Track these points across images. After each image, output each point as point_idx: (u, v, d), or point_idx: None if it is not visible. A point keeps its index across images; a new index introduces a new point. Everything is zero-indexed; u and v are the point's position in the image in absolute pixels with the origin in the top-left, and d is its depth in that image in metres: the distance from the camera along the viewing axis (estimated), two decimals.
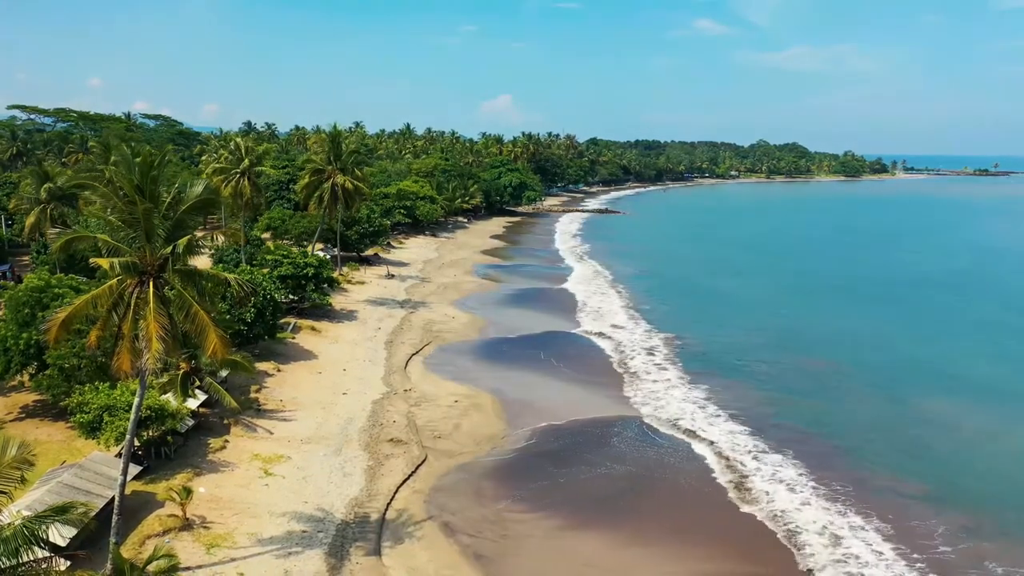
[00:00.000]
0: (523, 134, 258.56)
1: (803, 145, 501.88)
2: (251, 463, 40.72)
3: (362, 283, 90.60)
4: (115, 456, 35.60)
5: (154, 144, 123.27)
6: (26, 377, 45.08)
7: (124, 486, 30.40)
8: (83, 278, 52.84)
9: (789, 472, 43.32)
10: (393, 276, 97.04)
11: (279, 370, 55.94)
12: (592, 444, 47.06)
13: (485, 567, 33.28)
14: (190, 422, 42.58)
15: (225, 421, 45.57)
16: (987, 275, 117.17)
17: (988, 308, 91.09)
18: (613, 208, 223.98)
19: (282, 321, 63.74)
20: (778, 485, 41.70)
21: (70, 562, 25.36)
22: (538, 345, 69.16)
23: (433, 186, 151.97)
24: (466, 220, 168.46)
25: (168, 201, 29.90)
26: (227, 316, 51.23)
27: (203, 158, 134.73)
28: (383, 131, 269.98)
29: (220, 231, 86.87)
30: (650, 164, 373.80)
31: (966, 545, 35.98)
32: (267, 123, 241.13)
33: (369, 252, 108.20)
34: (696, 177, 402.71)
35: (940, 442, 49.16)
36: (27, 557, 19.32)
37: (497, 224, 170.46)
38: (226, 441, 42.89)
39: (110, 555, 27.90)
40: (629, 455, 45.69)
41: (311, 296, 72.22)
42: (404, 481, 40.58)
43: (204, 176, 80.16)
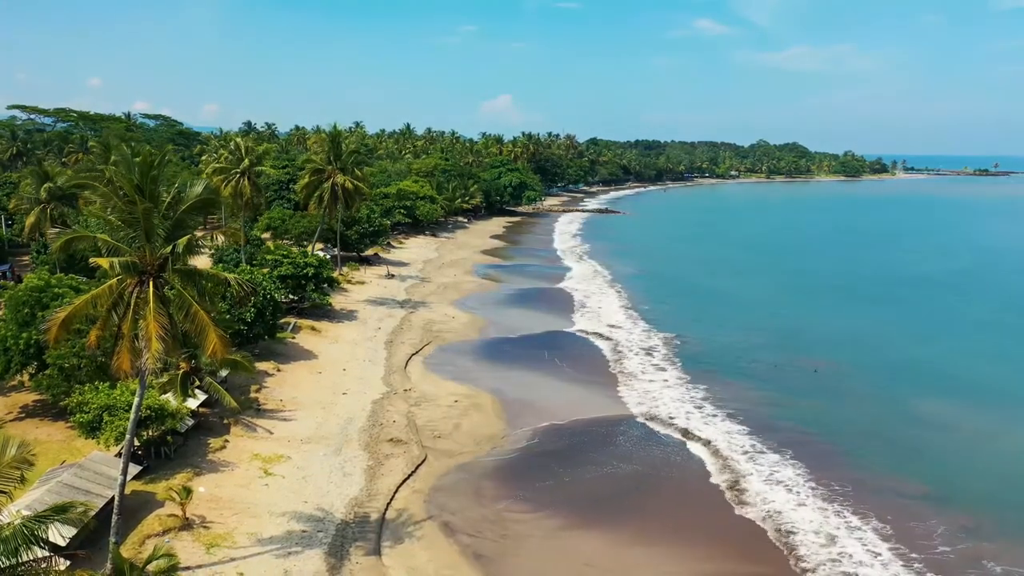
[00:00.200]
0: (523, 134, 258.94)
1: (803, 145, 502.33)
2: (251, 463, 40.75)
3: (362, 283, 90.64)
4: (115, 456, 35.63)
5: (154, 144, 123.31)
6: (26, 377, 45.11)
7: (124, 486, 30.42)
8: (83, 278, 52.86)
9: (787, 472, 43.35)
10: (393, 276, 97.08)
11: (279, 370, 55.98)
12: (591, 444, 47.11)
13: (485, 567, 33.31)
14: (190, 422, 42.61)
15: (225, 421, 45.60)
16: (987, 275, 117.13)
17: (987, 308, 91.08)
18: (613, 208, 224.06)
19: (282, 321, 63.78)
20: (776, 485, 41.73)
21: (70, 562, 25.39)
22: (538, 345, 69.27)
23: (433, 186, 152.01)
24: (466, 220, 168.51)
25: (168, 201, 29.92)
26: (227, 316, 51.26)
27: (203, 158, 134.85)
28: (383, 131, 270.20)
29: (220, 231, 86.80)
30: (650, 164, 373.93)
31: (965, 545, 35.96)
32: (267, 123, 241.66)
33: (369, 252, 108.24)
34: (696, 177, 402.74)
35: (939, 442, 49.20)
36: (27, 557, 19.38)
37: (497, 224, 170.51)
38: (226, 441, 42.92)
39: (110, 555, 27.93)
40: (628, 455, 45.74)
41: (311, 296, 72.27)
42: (404, 481, 40.62)
43: (204, 176, 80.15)
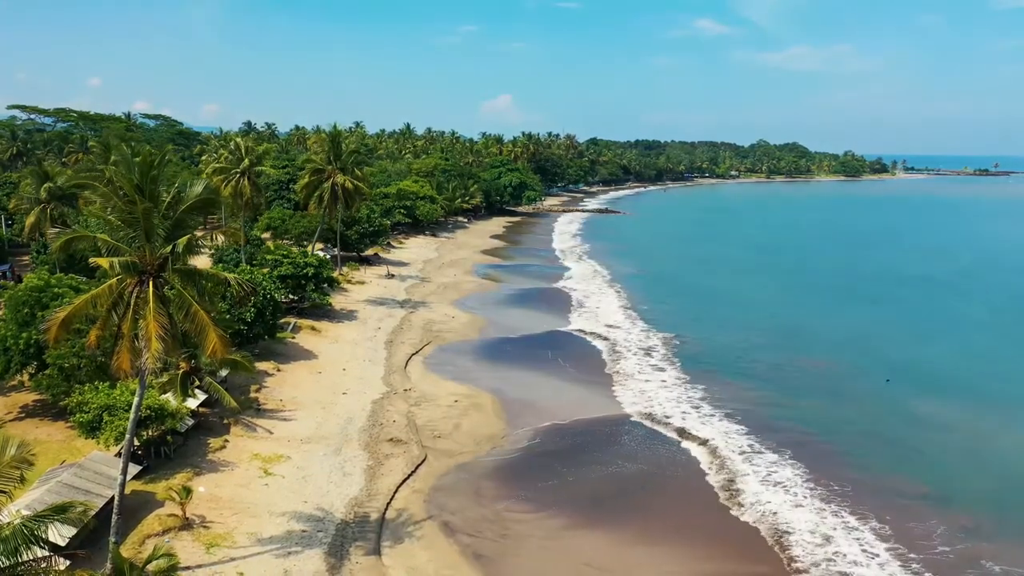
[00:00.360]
0: (523, 134, 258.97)
1: (803, 145, 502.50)
2: (251, 463, 40.76)
3: (362, 283, 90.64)
4: (115, 456, 35.63)
5: (154, 144, 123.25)
6: (26, 377, 45.12)
7: (124, 485, 30.44)
8: (83, 278, 52.84)
9: (786, 472, 43.33)
10: (393, 276, 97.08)
11: (279, 370, 55.98)
12: (590, 444, 47.12)
13: (485, 567, 33.32)
14: (190, 422, 42.61)
15: (225, 421, 45.61)
16: (987, 275, 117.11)
17: (987, 309, 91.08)
18: (613, 208, 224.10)
19: (282, 321, 63.80)
20: (774, 485, 41.70)
21: (69, 561, 25.37)
22: (539, 345, 69.32)
23: (433, 186, 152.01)
24: (466, 220, 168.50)
25: (168, 201, 29.93)
26: (227, 316, 51.26)
27: (203, 158, 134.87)
28: (383, 131, 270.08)
29: (220, 231, 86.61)
30: (650, 164, 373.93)
31: (964, 545, 35.93)
32: (267, 123, 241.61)
33: (369, 252, 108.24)
34: (696, 177, 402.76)
35: (939, 442, 49.17)
36: (27, 556, 19.39)
37: (497, 224, 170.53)
38: (226, 441, 42.93)
39: (110, 554, 27.95)
40: (627, 455, 45.76)
41: (311, 296, 72.28)
42: (404, 481, 40.63)
43: (204, 176, 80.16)
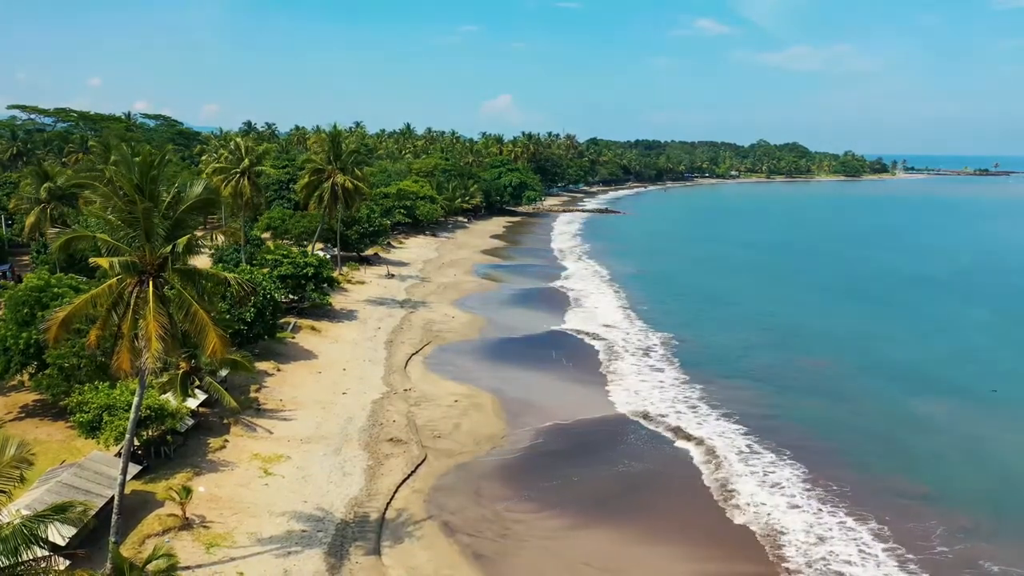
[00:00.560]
0: (523, 134, 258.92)
1: (803, 145, 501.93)
2: (251, 463, 40.78)
3: (362, 283, 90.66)
4: (115, 455, 35.65)
5: (154, 144, 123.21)
6: (26, 377, 45.13)
7: (124, 485, 30.46)
8: (83, 278, 52.87)
9: (784, 472, 43.31)
10: (393, 276, 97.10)
11: (279, 370, 56.00)
12: (591, 444, 47.13)
13: (485, 567, 33.33)
14: (190, 422, 42.63)
15: (225, 421, 45.63)
16: (987, 276, 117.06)
17: (987, 309, 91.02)
18: (613, 208, 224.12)
19: (282, 321, 63.82)
20: (772, 486, 41.65)
21: (69, 561, 25.39)
22: (539, 345, 69.36)
23: (433, 186, 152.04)
24: (466, 220, 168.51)
25: (168, 201, 29.95)
26: (227, 316, 51.26)
27: (203, 158, 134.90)
28: (383, 131, 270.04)
29: (220, 231, 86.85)
30: (650, 164, 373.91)
31: (963, 545, 35.88)
32: (267, 123, 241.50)
33: (369, 252, 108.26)
34: (696, 177, 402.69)
35: (938, 443, 49.13)
36: (26, 556, 19.41)
37: (497, 224, 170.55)
38: (226, 441, 42.95)
39: (109, 554, 27.96)
40: (626, 455, 45.76)
41: (311, 296, 72.30)
42: (404, 481, 40.64)
43: (204, 176, 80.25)
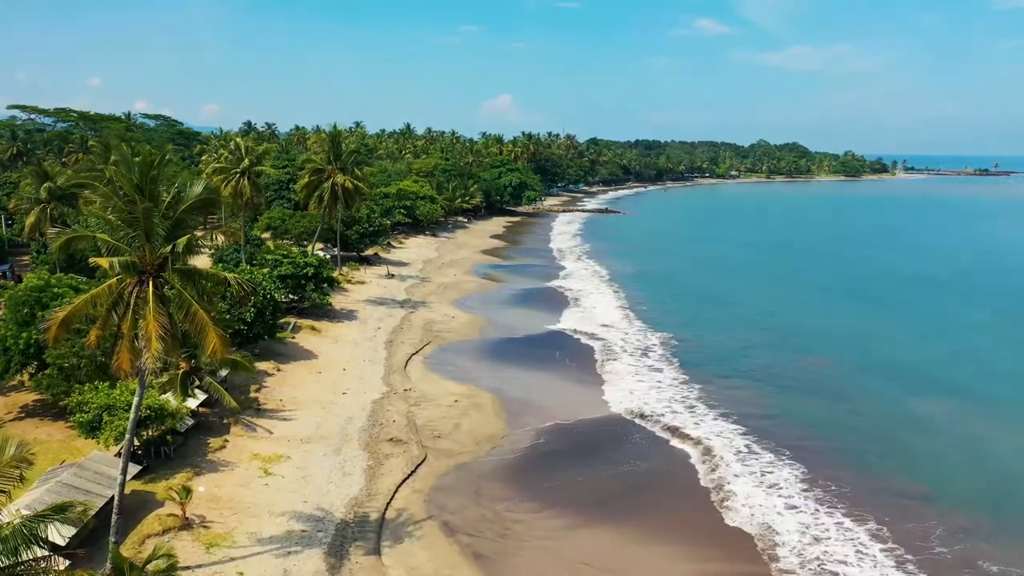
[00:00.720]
0: (523, 134, 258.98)
1: (803, 145, 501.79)
2: (251, 463, 40.78)
3: (362, 283, 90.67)
4: (115, 455, 35.65)
5: (154, 144, 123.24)
6: (26, 377, 45.14)
7: (124, 485, 30.47)
8: (83, 278, 52.88)
9: (783, 472, 43.28)
10: (393, 276, 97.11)
11: (279, 370, 56.00)
12: (591, 444, 47.14)
13: (484, 566, 33.33)
14: (190, 421, 42.64)
15: (225, 421, 45.63)
16: (987, 276, 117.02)
17: (986, 309, 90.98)
18: (613, 208, 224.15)
19: (282, 321, 63.82)
20: (770, 486, 41.61)
21: (69, 561, 25.39)
22: (539, 345, 69.40)
23: (433, 186, 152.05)
24: (466, 220, 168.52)
25: (168, 200, 29.96)
26: (227, 316, 51.28)
27: (203, 158, 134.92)
28: (383, 131, 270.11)
29: (220, 231, 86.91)
30: (650, 164, 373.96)
31: (962, 546, 35.85)
32: (267, 123, 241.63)
33: (369, 252, 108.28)
34: (696, 177, 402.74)
35: (937, 443, 49.10)
36: (26, 556, 19.43)
37: (497, 224, 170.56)
38: (226, 441, 42.96)
39: (109, 554, 27.98)
40: (625, 455, 45.76)
41: (311, 296, 72.30)
42: (404, 481, 40.65)
43: (204, 176, 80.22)
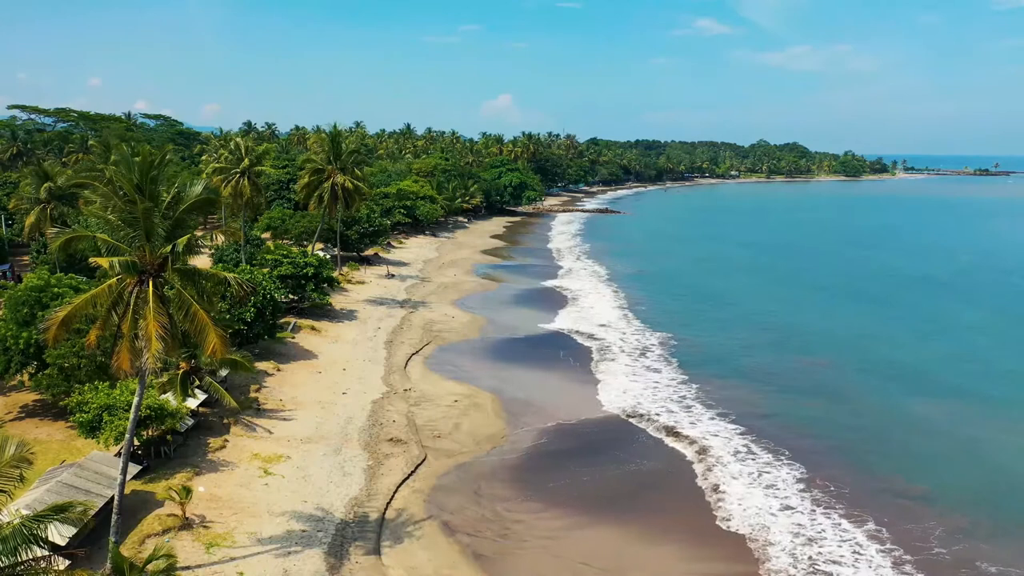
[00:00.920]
0: (523, 134, 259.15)
1: (803, 145, 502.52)
2: (251, 462, 40.79)
3: (362, 283, 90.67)
4: (115, 455, 35.64)
5: (154, 144, 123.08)
6: (26, 377, 45.13)
7: (123, 485, 30.47)
8: (83, 278, 52.88)
9: (781, 472, 43.22)
10: (393, 276, 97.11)
11: (279, 370, 56.01)
12: (591, 444, 47.14)
13: (484, 566, 33.33)
14: (190, 421, 42.64)
15: (225, 420, 45.64)
16: (986, 276, 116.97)
17: (986, 309, 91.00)
18: (613, 208, 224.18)
19: (282, 321, 63.82)
20: (768, 486, 41.53)
21: (69, 561, 25.38)
22: (539, 345, 69.43)
23: (433, 186, 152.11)
24: (466, 220, 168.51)
25: (168, 200, 29.94)
26: (227, 315, 51.31)
27: (203, 158, 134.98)
28: (383, 131, 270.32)
29: (220, 231, 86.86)
30: (650, 164, 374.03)
31: (961, 546, 35.77)
32: (267, 123, 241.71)
33: (369, 252, 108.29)
34: (696, 177, 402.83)
35: (937, 443, 49.05)
36: (26, 556, 19.42)
37: (497, 224, 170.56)
38: (226, 440, 42.96)
39: (109, 554, 27.98)
40: (625, 455, 45.72)
41: (311, 296, 72.30)
42: (404, 480, 40.64)
43: (204, 176, 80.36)
